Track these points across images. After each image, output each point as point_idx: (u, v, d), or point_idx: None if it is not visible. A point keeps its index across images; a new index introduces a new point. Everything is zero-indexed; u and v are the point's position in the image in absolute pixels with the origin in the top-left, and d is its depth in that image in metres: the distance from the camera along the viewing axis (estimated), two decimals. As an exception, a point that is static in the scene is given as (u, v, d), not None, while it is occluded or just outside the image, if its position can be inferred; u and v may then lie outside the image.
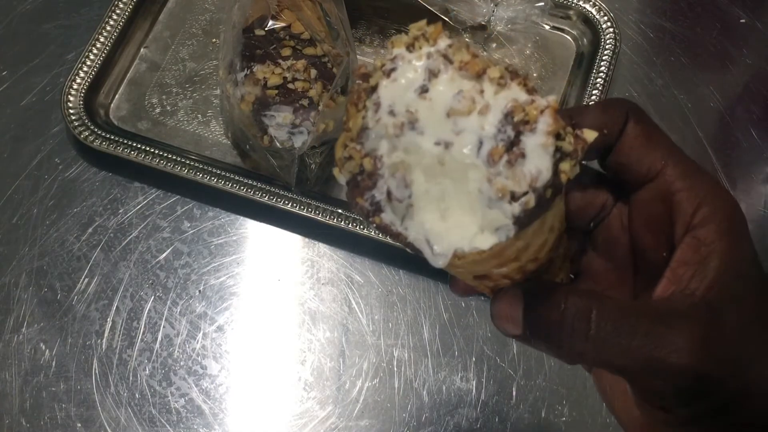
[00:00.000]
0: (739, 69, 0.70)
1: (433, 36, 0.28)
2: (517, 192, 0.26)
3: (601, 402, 0.55)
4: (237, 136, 0.62)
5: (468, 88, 0.27)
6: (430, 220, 0.28)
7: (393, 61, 0.28)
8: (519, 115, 0.26)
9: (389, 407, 0.55)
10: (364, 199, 0.28)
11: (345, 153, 0.28)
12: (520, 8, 0.69)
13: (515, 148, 0.26)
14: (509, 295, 0.30)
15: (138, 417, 0.55)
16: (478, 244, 0.27)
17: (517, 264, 0.29)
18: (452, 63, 0.27)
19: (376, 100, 0.28)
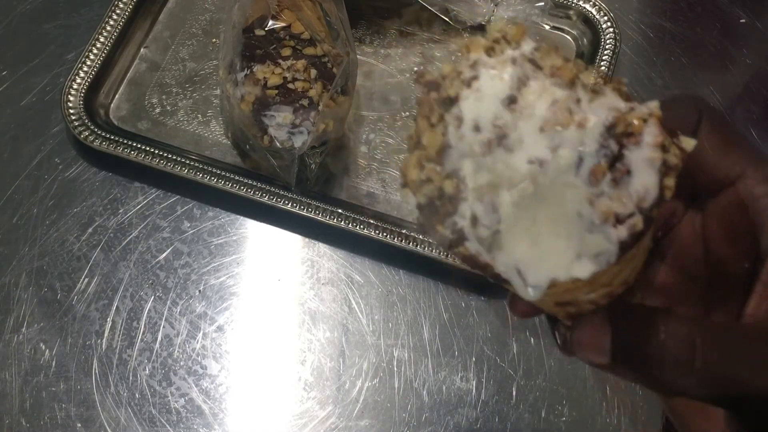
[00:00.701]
0: (739, 69, 0.70)
1: (516, 38, 0.25)
2: (622, 214, 0.23)
3: (601, 402, 0.55)
4: (237, 136, 0.62)
5: (563, 97, 0.24)
6: (521, 247, 0.25)
7: (473, 67, 0.25)
8: (621, 127, 0.23)
9: (389, 407, 0.55)
10: (444, 227, 0.25)
11: (422, 175, 0.25)
12: (520, 8, 0.69)
13: (619, 164, 0.23)
14: (594, 321, 0.27)
15: (138, 417, 0.55)
16: (576, 273, 0.24)
17: (608, 289, 0.27)
18: (542, 69, 0.24)
19: (457, 114, 0.24)
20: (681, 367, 0.25)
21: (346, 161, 0.64)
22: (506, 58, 0.25)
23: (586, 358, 0.28)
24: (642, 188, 0.23)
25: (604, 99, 0.24)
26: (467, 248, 0.25)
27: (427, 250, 0.58)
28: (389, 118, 0.66)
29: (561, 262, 0.24)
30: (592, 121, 0.23)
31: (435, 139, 0.25)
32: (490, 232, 0.25)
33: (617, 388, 0.56)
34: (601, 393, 0.56)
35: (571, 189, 0.24)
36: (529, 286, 0.25)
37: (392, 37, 0.70)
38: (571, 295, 0.26)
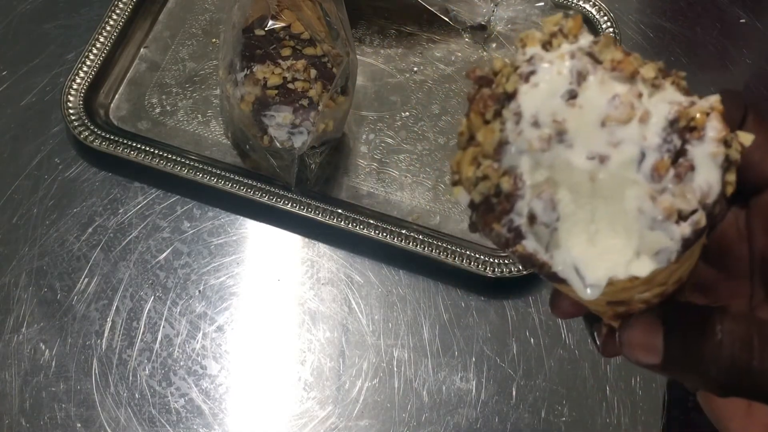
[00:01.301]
0: (739, 69, 0.70)
1: (573, 31, 0.25)
2: (685, 210, 0.23)
3: (600, 402, 0.55)
4: (237, 136, 0.62)
5: (624, 91, 0.23)
6: (579, 245, 0.24)
7: (530, 62, 0.24)
8: (684, 121, 0.23)
9: (389, 407, 0.55)
10: (501, 225, 0.24)
11: (479, 172, 0.25)
12: (520, 8, 0.69)
13: (682, 160, 0.23)
14: (645, 321, 0.27)
15: (138, 417, 0.55)
16: (635, 271, 0.23)
17: (662, 288, 0.26)
18: (601, 63, 0.24)
19: (515, 109, 0.24)
20: (738, 367, 0.25)
21: (346, 161, 0.64)
22: (564, 51, 0.24)
23: (636, 358, 0.27)
24: (705, 184, 0.23)
25: (664, 93, 0.23)
26: (524, 247, 0.24)
27: (427, 250, 0.58)
28: (389, 118, 0.66)
29: (620, 260, 0.24)
30: (654, 116, 0.23)
31: (492, 136, 0.24)
32: (548, 230, 0.24)
33: (617, 388, 0.56)
34: (601, 393, 0.56)
35: (632, 185, 0.23)
36: (587, 285, 0.24)
37: (392, 37, 0.70)
38: (627, 294, 0.26)
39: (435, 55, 0.69)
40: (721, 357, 0.25)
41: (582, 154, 0.23)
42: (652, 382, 0.56)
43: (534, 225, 0.24)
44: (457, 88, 0.67)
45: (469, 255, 0.58)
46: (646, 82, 0.24)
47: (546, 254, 0.24)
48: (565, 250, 0.24)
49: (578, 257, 0.24)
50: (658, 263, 0.23)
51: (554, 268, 0.24)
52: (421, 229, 0.60)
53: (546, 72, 0.24)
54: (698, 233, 0.23)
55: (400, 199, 0.62)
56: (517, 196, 0.24)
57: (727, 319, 0.25)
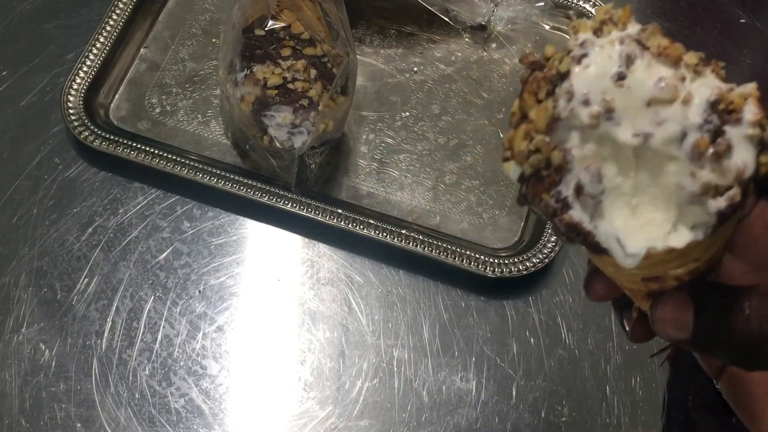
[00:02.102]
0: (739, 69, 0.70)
1: (623, 20, 0.27)
2: (722, 186, 0.24)
3: (600, 402, 0.55)
4: (237, 136, 0.62)
5: (668, 75, 0.25)
6: (621, 216, 0.26)
7: (582, 46, 0.26)
8: (724, 104, 0.25)
9: (389, 407, 0.55)
10: (549, 195, 0.26)
11: (531, 145, 0.26)
12: (520, 8, 0.69)
13: (720, 140, 0.24)
14: (677, 297, 0.28)
15: (138, 417, 0.55)
16: (672, 243, 0.25)
17: (696, 264, 0.28)
18: (648, 48, 0.26)
19: (568, 88, 0.26)
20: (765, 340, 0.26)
21: (346, 161, 0.64)
22: (614, 38, 0.26)
23: (667, 333, 0.29)
24: (741, 162, 0.24)
25: (705, 79, 0.25)
26: (571, 216, 0.26)
27: (427, 250, 0.58)
28: (389, 118, 0.66)
29: (659, 232, 0.25)
30: (696, 98, 0.25)
31: (545, 112, 0.26)
32: (593, 201, 0.26)
33: (617, 388, 0.56)
34: (601, 393, 0.56)
35: (673, 161, 0.25)
36: (628, 254, 0.26)
37: (392, 37, 0.70)
38: (662, 268, 0.27)
39: (435, 55, 0.69)
40: (748, 331, 0.26)
41: (628, 131, 0.25)
42: (652, 382, 0.56)
43: (581, 196, 0.26)
44: (457, 88, 0.67)
45: (469, 255, 0.58)
46: (689, 67, 0.26)
47: (591, 224, 0.26)
48: (608, 221, 0.26)
49: (620, 228, 0.26)
50: (695, 236, 0.25)
51: (597, 237, 0.26)
52: (421, 229, 0.60)
53: (597, 55, 0.26)
54: (733, 207, 0.25)
55: (400, 199, 0.62)
56: (566, 168, 0.26)
57: (755, 296, 0.27)
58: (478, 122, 0.66)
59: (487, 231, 0.61)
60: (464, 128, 0.65)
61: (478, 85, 0.68)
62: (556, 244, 0.58)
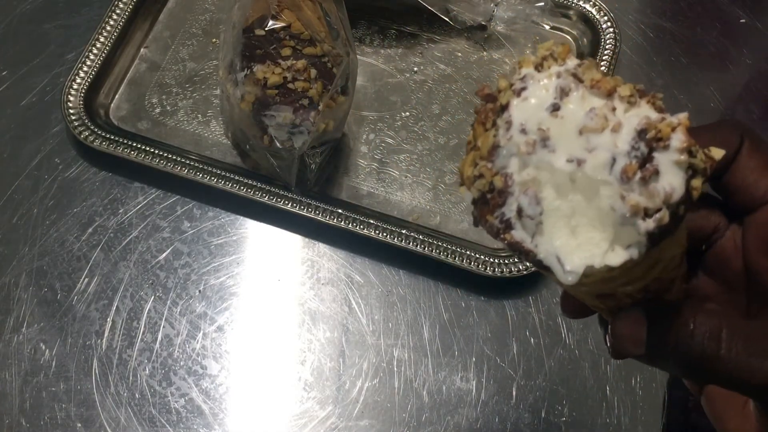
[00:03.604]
0: (739, 69, 0.70)
1: (562, 56, 0.28)
2: (650, 208, 0.26)
3: (600, 402, 0.55)
4: (237, 136, 0.62)
5: (600, 105, 0.27)
6: (561, 236, 0.28)
7: (523, 80, 0.28)
8: (652, 132, 0.26)
9: (389, 407, 0.55)
10: (494, 217, 0.28)
11: (475, 171, 0.28)
12: (520, 8, 0.69)
13: (648, 165, 0.26)
14: (631, 315, 0.30)
15: (138, 417, 0.55)
16: (609, 261, 0.27)
17: (643, 283, 0.29)
18: (582, 81, 0.27)
19: (507, 118, 0.28)
20: (708, 355, 0.27)
21: (346, 161, 0.64)
22: (552, 72, 0.28)
23: (624, 349, 0.30)
24: (669, 187, 0.26)
25: (638, 110, 0.27)
26: (513, 236, 0.28)
27: (427, 250, 0.58)
28: (389, 118, 0.66)
29: (596, 251, 0.27)
30: (626, 127, 0.26)
31: (487, 140, 0.28)
32: (533, 222, 0.28)
33: (617, 388, 0.56)
34: (601, 393, 0.56)
35: (605, 185, 0.27)
36: (567, 272, 0.27)
37: (392, 37, 0.70)
38: (608, 286, 0.29)
39: (435, 55, 0.69)
40: (693, 346, 0.28)
41: (563, 157, 0.27)
42: (652, 382, 0.56)
43: (521, 217, 0.28)
44: (457, 88, 0.67)
45: (469, 255, 0.58)
46: (623, 99, 0.27)
47: (531, 243, 0.28)
48: (548, 240, 0.28)
49: (559, 247, 0.27)
50: (630, 255, 0.27)
51: (538, 255, 0.28)
52: (421, 229, 0.60)
53: (534, 88, 0.28)
54: (662, 228, 0.26)
55: (400, 199, 0.62)
56: (507, 192, 0.28)
57: (700, 313, 0.28)
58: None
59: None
60: (464, 128, 0.65)
61: (478, 85, 0.67)
62: (556, 244, 0.58)
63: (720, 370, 0.27)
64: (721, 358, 0.27)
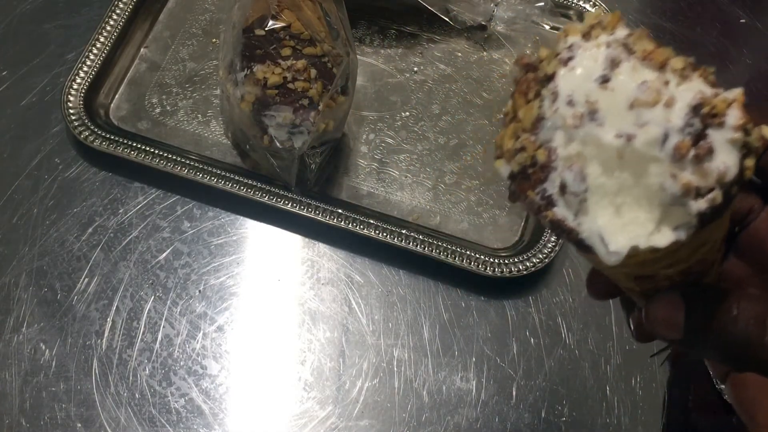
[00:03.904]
0: (739, 69, 0.70)
1: (611, 24, 0.27)
2: (703, 188, 0.25)
3: (600, 402, 0.55)
4: (237, 136, 0.62)
5: (652, 78, 0.26)
6: (605, 215, 0.26)
7: (570, 49, 0.27)
8: (707, 108, 0.25)
9: (389, 407, 0.55)
10: (535, 193, 0.27)
11: (517, 144, 0.27)
12: (520, 8, 0.69)
13: (702, 143, 0.25)
14: (669, 297, 0.29)
15: (138, 417, 0.55)
16: (655, 242, 0.26)
17: (686, 265, 0.28)
18: (634, 52, 0.26)
19: (553, 89, 0.26)
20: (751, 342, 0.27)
21: (346, 161, 0.64)
22: (601, 41, 0.26)
23: (659, 332, 0.29)
24: (723, 165, 0.25)
25: (691, 84, 0.26)
26: (555, 213, 0.27)
27: (427, 250, 0.58)
28: (389, 118, 0.66)
29: (642, 231, 0.26)
30: (679, 102, 0.25)
31: (531, 112, 0.27)
32: (577, 199, 0.26)
33: (617, 388, 0.56)
34: (601, 393, 0.56)
35: (655, 163, 0.25)
36: (610, 252, 0.26)
37: (392, 37, 0.70)
38: (650, 268, 0.28)
39: (435, 55, 0.69)
40: (736, 332, 0.27)
41: (611, 132, 0.25)
42: (652, 382, 0.56)
43: (564, 194, 0.26)
44: (457, 88, 0.67)
45: (469, 255, 0.58)
46: (675, 72, 0.26)
47: (574, 221, 0.26)
48: (591, 218, 0.26)
49: (603, 226, 0.26)
50: (677, 236, 0.25)
51: (581, 234, 0.26)
52: (421, 229, 0.60)
53: (583, 57, 0.26)
54: (714, 209, 0.25)
55: (400, 199, 0.62)
56: (551, 167, 0.26)
57: (744, 298, 0.27)
58: (478, 122, 0.66)
59: (487, 231, 0.61)
60: (464, 128, 0.65)
61: (478, 85, 0.68)
62: (556, 244, 0.58)
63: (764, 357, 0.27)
64: (766, 345, 0.27)
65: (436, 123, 0.66)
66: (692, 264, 0.28)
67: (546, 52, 0.28)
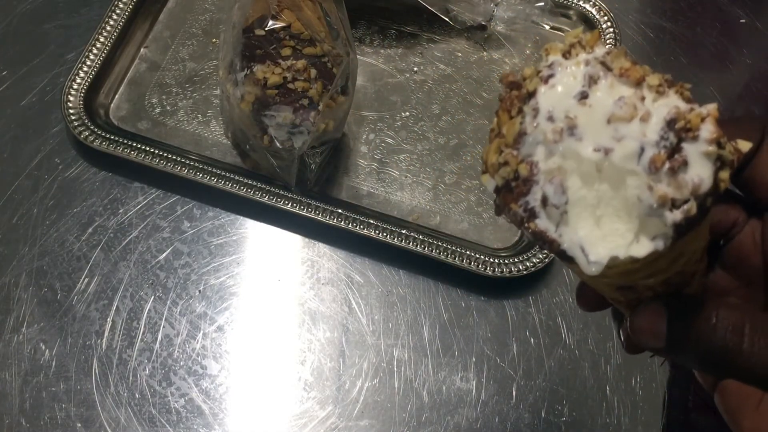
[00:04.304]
0: (739, 69, 0.70)
1: (590, 43, 0.28)
2: (678, 199, 0.26)
3: (600, 402, 0.55)
4: (237, 136, 0.62)
5: (629, 94, 0.27)
6: (585, 226, 0.27)
7: (550, 67, 0.28)
8: (681, 122, 0.26)
9: (389, 407, 0.55)
10: (518, 205, 0.28)
11: (500, 159, 0.28)
12: (520, 8, 0.69)
13: (677, 156, 0.26)
14: (651, 308, 0.30)
15: (138, 417, 0.55)
16: (634, 253, 0.27)
17: (665, 275, 0.29)
18: (611, 70, 0.27)
19: (534, 105, 0.27)
20: (730, 349, 0.28)
21: (346, 161, 0.64)
22: (580, 60, 0.28)
23: (643, 342, 0.30)
24: (697, 178, 0.26)
25: (667, 99, 0.27)
26: (537, 225, 0.28)
27: (427, 250, 0.58)
28: (389, 118, 0.66)
29: (621, 242, 0.27)
30: (654, 117, 0.26)
31: (513, 128, 0.28)
32: (558, 211, 0.27)
33: (617, 388, 0.56)
34: (601, 393, 0.56)
35: (632, 176, 0.26)
36: (591, 262, 0.27)
37: (392, 37, 0.70)
38: (631, 278, 0.29)
39: (435, 55, 0.69)
40: (715, 340, 0.28)
41: (590, 146, 0.26)
42: (652, 382, 0.56)
43: (546, 206, 0.27)
44: (457, 88, 0.67)
45: (469, 255, 0.58)
46: (651, 88, 0.27)
47: (555, 232, 0.27)
48: (572, 230, 0.27)
49: (584, 237, 0.27)
50: (655, 246, 0.26)
51: (562, 245, 0.27)
52: (421, 229, 0.60)
53: (563, 75, 0.27)
54: (689, 220, 0.26)
55: (400, 199, 0.62)
56: (533, 180, 0.28)
57: (723, 307, 0.28)
58: (478, 122, 0.66)
59: (487, 231, 0.61)
60: (464, 128, 0.65)
61: (478, 85, 0.68)
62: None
63: (742, 365, 0.28)
64: (744, 352, 0.27)
65: (436, 123, 0.66)
66: (672, 275, 0.29)
67: (530, 70, 0.29)
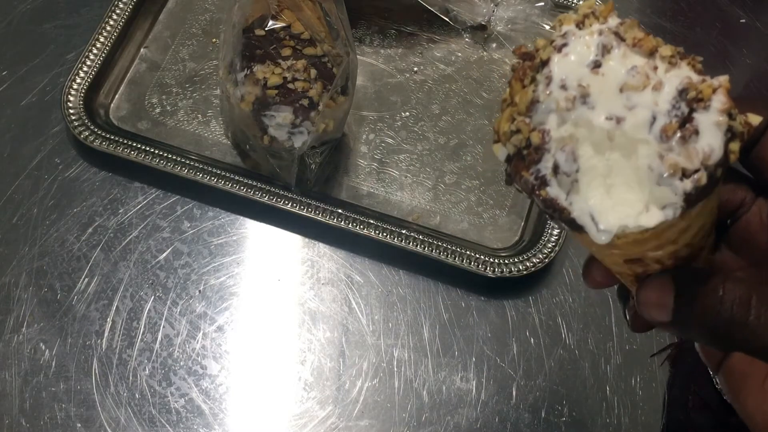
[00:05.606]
0: (739, 69, 0.70)
1: (604, 14, 0.28)
2: (688, 169, 0.26)
3: (600, 402, 0.55)
4: (237, 136, 0.62)
5: (641, 64, 0.27)
6: (596, 195, 0.27)
7: (564, 37, 0.28)
8: (693, 93, 0.26)
9: (389, 407, 0.55)
10: (529, 173, 0.28)
11: (513, 126, 0.28)
12: (520, 8, 0.69)
13: (688, 125, 0.26)
14: (658, 281, 0.30)
15: (138, 417, 0.55)
16: (644, 222, 0.27)
17: (674, 247, 0.29)
18: (624, 40, 0.27)
19: (547, 73, 0.28)
20: (736, 322, 0.28)
21: (346, 161, 0.64)
22: (594, 30, 0.28)
23: (650, 315, 0.30)
24: (708, 148, 0.26)
25: (679, 70, 0.27)
26: (548, 192, 0.28)
27: (427, 250, 0.58)
28: (389, 118, 0.66)
29: (631, 211, 0.27)
30: (666, 86, 0.26)
31: (526, 96, 0.28)
32: (569, 179, 0.27)
33: (617, 388, 0.56)
34: (601, 393, 0.56)
35: (643, 144, 0.26)
36: (600, 231, 0.27)
37: (392, 37, 0.70)
38: (639, 248, 0.29)
39: (435, 55, 0.69)
40: (722, 312, 0.28)
41: (602, 114, 0.27)
42: (652, 382, 0.56)
43: (557, 174, 0.28)
44: (457, 88, 0.67)
45: (469, 255, 0.58)
46: (663, 58, 0.27)
47: (566, 200, 0.28)
48: (583, 198, 0.27)
49: (594, 205, 0.27)
50: (665, 216, 0.27)
51: (572, 213, 0.28)
52: (421, 229, 0.60)
53: (576, 44, 0.28)
54: (699, 190, 0.26)
55: (400, 199, 0.62)
56: (544, 148, 0.28)
57: (730, 280, 0.28)
58: (478, 122, 0.66)
59: (487, 231, 0.61)
60: (464, 128, 0.65)
61: (478, 85, 0.68)
62: (556, 244, 0.58)
63: (748, 337, 0.28)
64: (750, 325, 0.27)
65: (436, 123, 0.66)
66: (680, 247, 0.29)
67: (542, 42, 0.29)
